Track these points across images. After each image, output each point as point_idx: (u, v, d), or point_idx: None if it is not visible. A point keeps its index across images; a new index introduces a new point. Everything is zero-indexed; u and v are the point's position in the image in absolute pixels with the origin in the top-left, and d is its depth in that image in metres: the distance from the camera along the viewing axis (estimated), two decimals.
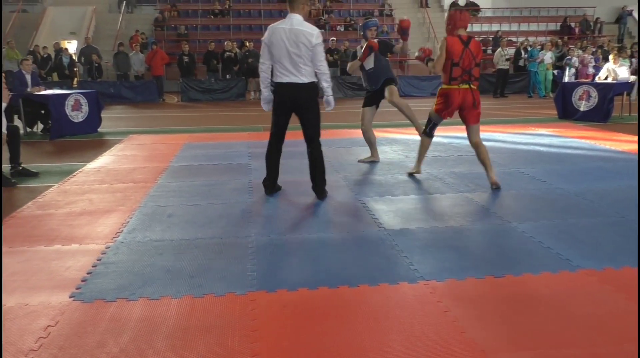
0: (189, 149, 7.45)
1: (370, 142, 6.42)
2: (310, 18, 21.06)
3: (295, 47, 4.47)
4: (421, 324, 2.57)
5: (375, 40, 6.02)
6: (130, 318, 2.67)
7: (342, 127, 9.57)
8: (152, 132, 9.19)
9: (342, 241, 3.71)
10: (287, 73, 4.56)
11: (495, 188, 5.00)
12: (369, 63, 6.14)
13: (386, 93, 6.19)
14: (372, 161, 6.38)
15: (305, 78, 4.58)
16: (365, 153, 6.63)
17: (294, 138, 5.14)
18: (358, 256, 3.45)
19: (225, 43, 16.65)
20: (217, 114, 12.51)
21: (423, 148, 5.53)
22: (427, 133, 5.42)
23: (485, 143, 6.64)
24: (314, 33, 4.51)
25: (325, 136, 8.29)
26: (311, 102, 4.68)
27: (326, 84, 4.71)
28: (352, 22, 21.18)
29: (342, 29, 20.84)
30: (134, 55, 16.06)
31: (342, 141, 7.91)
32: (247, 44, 16.74)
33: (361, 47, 6.19)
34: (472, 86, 4.97)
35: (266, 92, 4.80)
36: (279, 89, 4.66)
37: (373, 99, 6.36)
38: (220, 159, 6.69)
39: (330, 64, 16.73)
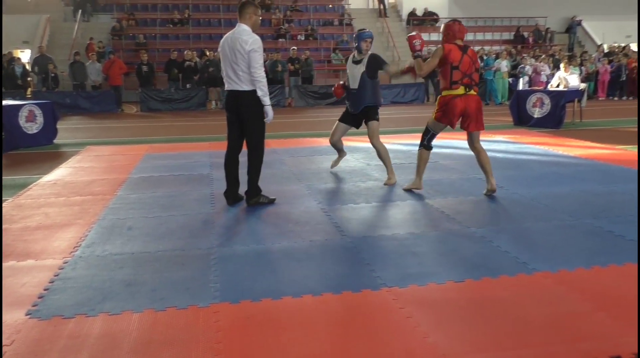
0: (149, 160, 7.34)
1: (337, 148, 6.28)
2: (271, 27, 21.15)
3: (233, 54, 4.58)
4: (384, 331, 2.60)
5: (367, 56, 5.59)
6: (89, 334, 2.61)
7: (304, 136, 9.61)
8: (110, 143, 9.02)
9: (305, 250, 3.72)
10: (230, 81, 4.70)
11: (490, 194, 5.03)
12: (353, 82, 5.69)
13: (369, 131, 5.75)
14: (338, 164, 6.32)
15: (245, 86, 4.62)
16: (328, 161, 6.68)
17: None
18: (321, 264, 3.47)
19: (185, 52, 16.51)
20: (178, 124, 12.38)
21: (422, 161, 5.22)
22: (426, 145, 5.19)
23: (443, 150, 6.79)
24: (248, 40, 4.54)
25: (288, 144, 8.35)
26: (251, 111, 4.68)
27: (261, 93, 4.61)
28: (313, 31, 21.31)
29: (303, 38, 20.94)
30: (91, 64, 15.75)
31: (304, 150, 7.94)
32: (208, 54, 16.63)
33: (352, 57, 5.73)
34: (473, 91, 4.92)
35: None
36: (226, 96, 4.87)
37: (350, 119, 5.93)
38: (182, 169, 6.62)
39: (292, 74, 16.85)
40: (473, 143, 5.12)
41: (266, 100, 4.67)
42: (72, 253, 3.73)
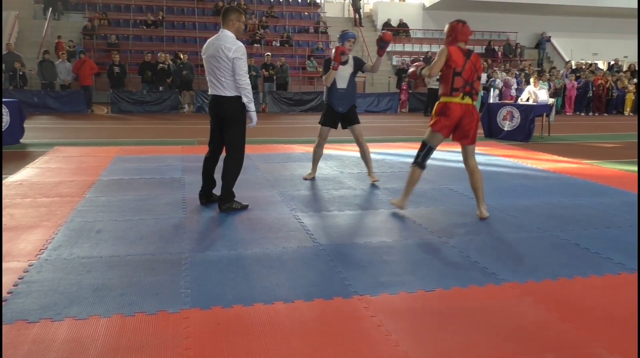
0: (119, 162, 7.22)
1: (316, 159, 6.32)
2: (246, 32, 21.10)
3: (216, 60, 4.62)
4: (355, 339, 2.61)
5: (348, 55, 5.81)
6: (55, 339, 2.54)
7: (278, 142, 9.59)
8: (79, 145, 8.85)
9: (277, 257, 3.71)
10: (212, 85, 4.77)
11: (481, 219, 4.71)
12: (342, 82, 5.88)
13: (356, 132, 5.99)
14: (312, 177, 6.33)
15: (228, 92, 4.68)
16: (302, 168, 6.68)
17: (222, 153, 5.08)
18: (293, 271, 3.46)
19: (159, 54, 16.35)
20: (150, 127, 12.23)
21: (412, 181, 4.85)
22: (420, 163, 4.79)
23: None
24: (232, 47, 4.57)
25: (261, 150, 8.32)
26: (233, 116, 4.75)
27: (246, 99, 4.68)
28: (288, 38, 21.35)
29: (278, 44, 20.95)
30: (60, 63, 15.45)
31: (278, 156, 7.92)
32: (182, 56, 16.50)
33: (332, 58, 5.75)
34: (473, 100, 4.60)
35: None
36: (210, 101, 4.91)
37: (334, 120, 6.04)
38: (153, 173, 6.53)
39: (266, 79, 16.82)
40: (467, 159, 4.75)
41: (251, 106, 4.75)
42: (37, 256, 3.64)
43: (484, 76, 16.69)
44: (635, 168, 7.35)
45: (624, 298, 3.12)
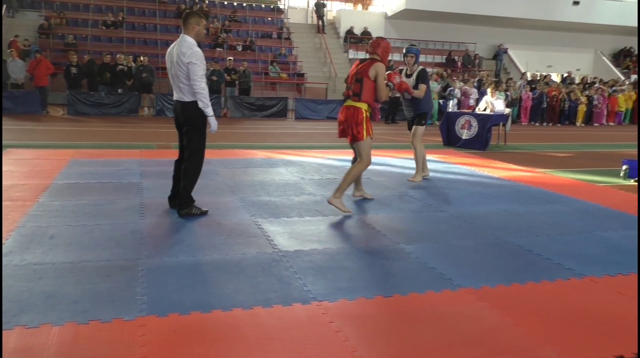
0: (75, 165, 7.05)
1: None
2: (209, 36, 20.92)
3: (175, 66, 4.67)
4: (313, 345, 2.62)
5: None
6: (4, 348, 2.46)
7: (240, 147, 9.54)
8: (33, 147, 8.59)
9: (236, 263, 3.69)
10: (174, 90, 4.82)
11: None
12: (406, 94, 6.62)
13: (416, 133, 6.89)
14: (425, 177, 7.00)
15: (186, 97, 4.71)
16: (263, 174, 6.66)
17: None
18: (252, 278, 3.45)
19: (118, 56, 16.04)
20: (108, 130, 11.97)
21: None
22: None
23: (377, 167, 6.97)
24: (187, 52, 4.58)
25: (222, 155, 8.26)
26: (192, 121, 4.77)
27: (202, 104, 4.66)
28: (251, 42, 21.28)
29: (241, 49, 20.86)
30: (12, 62, 14.94)
31: (238, 162, 7.88)
32: (142, 59, 16.23)
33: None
34: (351, 101, 5.11)
35: None
36: (173, 105, 5.01)
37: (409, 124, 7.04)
38: (110, 177, 6.40)
39: (228, 84, 16.71)
40: (357, 155, 5.40)
41: (208, 111, 4.72)
42: None
43: (436, 86, 17.02)
44: (587, 177, 7.63)
45: (573, 302, 3.23)
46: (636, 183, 7.28)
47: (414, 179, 6.81)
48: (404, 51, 6.86)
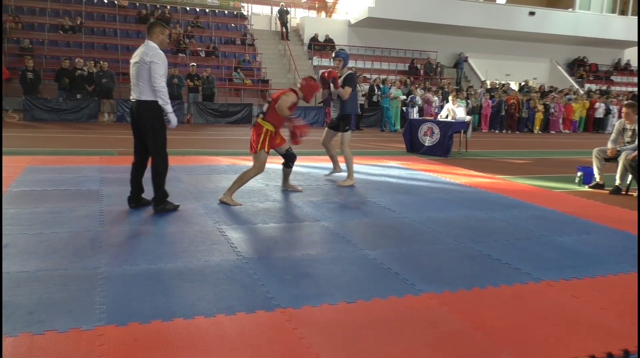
0: (31, 172, 6.85)
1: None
2: (171, 42, 20.67)
3: (136, 66, 4.84)
4: (277, 352, 2.61)
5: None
6: None
7: (203, 154, 9.44)
8: None
9: (199, 270, 3.65)
10: (133, 91, 4.96)
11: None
12: (334, 95, 6.96)
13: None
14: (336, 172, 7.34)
15: (144, 96, 4.86)
16: (226, 180, 6.61)
17: (148, 164, 4.96)
18: (215, 285, 3.41)
19: (77, 60, 15.70)
20: (66, 136, 11.68)
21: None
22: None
23: (341, 174, 7.02)
24: (149, 53, 4.81)
25: (185, 162, 8.16)
26: (151, 119, 4.91)
27: (162, 101, 4.86)
28: (214, 48, 21.14)
29: (204, 55, 20.70)
30: None
31: (202, 168, 7.80)
32: (102, 64, 15.93)
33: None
34: (262, 119, 5.79)
35: None
36: (130, 108, 5.11)
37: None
38: (68, 184, 6.24)
39: (191, 90, 16.55)
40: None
41: (168, 108, 4.92)
42: None
43: (399, 93, 17.26)
44: (544, 183, 7.85)
45: (530, 306, 3.31)
46: (590, 189, 7.53)
47: (345, 183, 6.99)
48: (333, 54, 7.16)
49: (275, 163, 8.19)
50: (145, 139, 5.00)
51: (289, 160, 6.28)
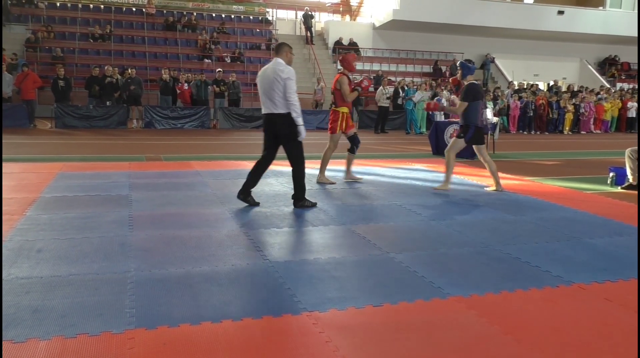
0: (63, 179, 7.01)
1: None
2: (197, 48, 20.96)
3: (271, 82, 5.36)
4: (303, 355, 2.61)
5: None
6: None
7: (229, 158, 9.53)
8: (20, 161, 8.54)
9: (226, 275, 3.68)
10: (265, 105, 5.49)
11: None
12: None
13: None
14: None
15: (279, 109, 5.39)
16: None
17: (172, 169, 5.03)
18: (242, 289, 3.44)
19: (106, 68, 16.02)
20: (96, 142, 11.92)
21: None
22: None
23: (366, 177, 7.02)
24: (284, 70, 5.37)
25: (211, 167, 8.25)
26: (286, 132, 5.46)
27: (294, 114, 5.39)
28: (240, 54, 21.33)
29: (229, 61, 20.90)
30: None
31: (228, 173, 7.87)
32: (129, 71, 16.21)
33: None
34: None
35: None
36: (263, 119, 5.64)
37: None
38: (98, 190, 6.37)
39: (217, 95, 16.73)
40: None
41: (299, 121, 5.44)
42: None
43: (425, 95, 17.13)
44: (574, 184, 7.70)
45: (561, 309, 3.25)
46: (623, 190, 7.36)
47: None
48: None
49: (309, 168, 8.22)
50: (285, 148, 5.56)
51: (354, 144, 7.14)
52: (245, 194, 5.71)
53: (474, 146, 7.08)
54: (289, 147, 5.54)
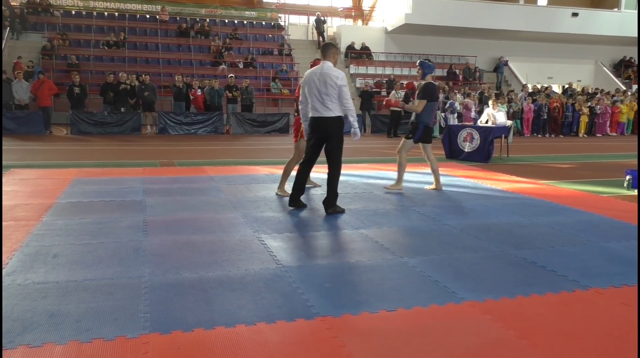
0: (78, 184, 7.08)
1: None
2: (210, 54, 21.10)
3: (324, 87, 5.45)
4: None
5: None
6: None
7: (242, 163, 9.57)
8: (37, 167, 8.64)
9: (239, 279, 3.69)
10: (313, 109, 5.58)
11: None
12: None
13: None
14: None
15: (331, 113, 5.51)
16: (265, 190, 6.66)
17: (186, 174, 5.06)
18: (256, 293, 3.44)
19: (120, 75, 16.18)
20: (110, 149, 12.04)
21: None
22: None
23: (377, 181, 7.01)
24: (339, 76, 5.48)
25: (225, 172, 8.29)
26: (336, 134, 5.59)
27: (352, 119, 5.60)
28: (252, 59, 21.43)
29: (242, 66, 21.01)
30: (17, 83, 15.09)
31: (241, 178, 7.90)
32: (144, 77, 16.36)
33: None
34: None
35: (305, 125, 5.92)
36: (311, 122, 5.72)
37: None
38: (113, 195, 6.42)
39: (230, 101, 16.82)
40: None
41: (356, 124, 5.68)
42: None
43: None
44: (590, 188, 7.62)
45: (578, 314, 3.21)
46: None
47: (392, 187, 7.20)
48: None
49: (313, 172, 8.24)
50: (327, 148, 5.63)
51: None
52: (296, 202, 5.87)
53: (420, 144, 7.19)
54: (335, 150, 5.63)
